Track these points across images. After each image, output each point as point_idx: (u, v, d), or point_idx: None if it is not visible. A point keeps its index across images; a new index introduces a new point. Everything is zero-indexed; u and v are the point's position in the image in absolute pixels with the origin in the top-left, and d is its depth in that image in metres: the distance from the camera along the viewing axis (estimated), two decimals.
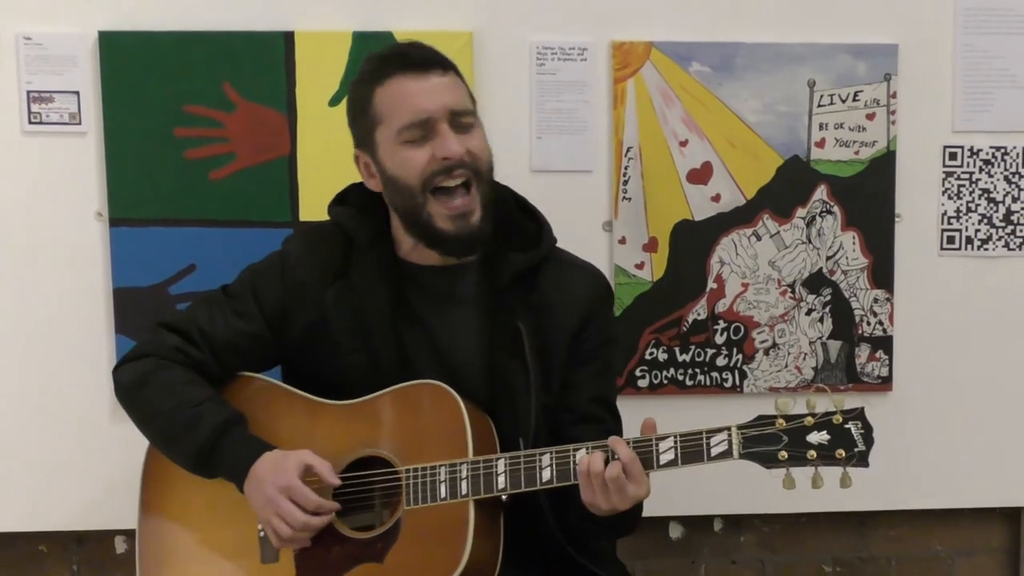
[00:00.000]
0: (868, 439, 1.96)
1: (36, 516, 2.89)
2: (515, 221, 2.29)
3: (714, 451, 1.98)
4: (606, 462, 1.99)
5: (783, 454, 1.96)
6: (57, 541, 3.00)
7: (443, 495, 2.08)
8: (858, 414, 1.97)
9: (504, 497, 2.10)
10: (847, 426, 1.96)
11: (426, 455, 2.12)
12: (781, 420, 1.97)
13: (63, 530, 2.95)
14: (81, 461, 2.85)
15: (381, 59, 2.20)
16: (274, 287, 2.27)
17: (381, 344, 2.22)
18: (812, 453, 1.95)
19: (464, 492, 2.07)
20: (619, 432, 2.29)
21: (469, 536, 2.05)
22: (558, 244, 2.33)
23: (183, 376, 2.23)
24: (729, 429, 1.99)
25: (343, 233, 2.27)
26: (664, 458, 2.00)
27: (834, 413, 1.96)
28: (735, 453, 1.97)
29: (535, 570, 2.22)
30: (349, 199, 2.31)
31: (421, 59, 2.16)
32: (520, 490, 2.07)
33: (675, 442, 2.00)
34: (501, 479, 2.07)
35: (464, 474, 2.07)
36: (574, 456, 2.04)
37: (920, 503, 3.07)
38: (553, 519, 2.18)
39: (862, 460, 1.95)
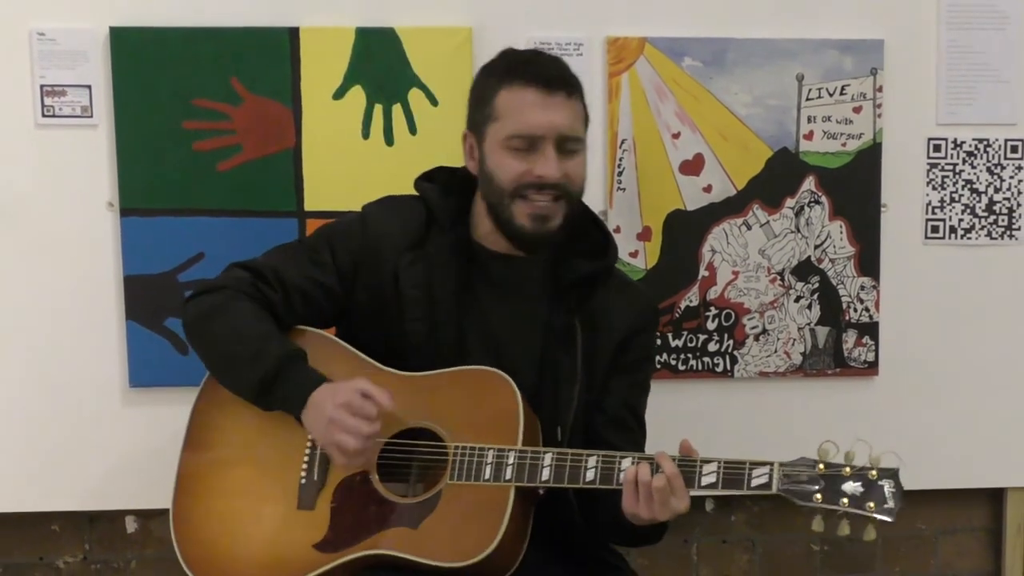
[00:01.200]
0: (898, 498, 2.00)
1: (49, 496, 2.91)
2: (585, 231, 2.34)
3: (754, 482, 2.04)
4: (652, 473, 2.04)
5: (818, 496, 2.00)
6: (70, 521, 3.01)
7: (487, 476, 2.11)
8: (892, 474, 2.01)
9: (542, 491, 2.15)
10: (880, 483, 2.00)
11: (476, 436, 2.15)
12: (821, 465, 2.01)
13: (76, 510, 2.96)
14: (93, 443, 2.87)
15: (517, 62, 2.25)
16: (351, 243, 2.30)
17: (442, 317, 2.26)
18: (844, 501, 2.00)
19: (508, 477, 2.10)
20: (643, 441, 2.39)
21: (505, 520, 2.08)
22: None
23: (252, 310, 2.25)
24: (772, 465, 2.03)
25: (426, 208, 2.31)
26: (706, 480, 2.05)
27: (870, 469, 2.01)
28: (774, 487, 2.02)
29: (551, 556, 2.27)
30: (436, 179, 2.35)
31: (553, 77, 2.20)
32: (561, 485, 2.11)
33: (719, 467, 2.05)
34: (545, 472, 2.10)
35: (511, 460, 2.11)
36: (619, 463, 2.08)
37: (905, 484, 2.99)
38: (580, 513, 2.25)
39: (889, 516, 2.00)
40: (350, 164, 2.84)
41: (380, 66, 2.82)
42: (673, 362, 2.95)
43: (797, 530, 3.17)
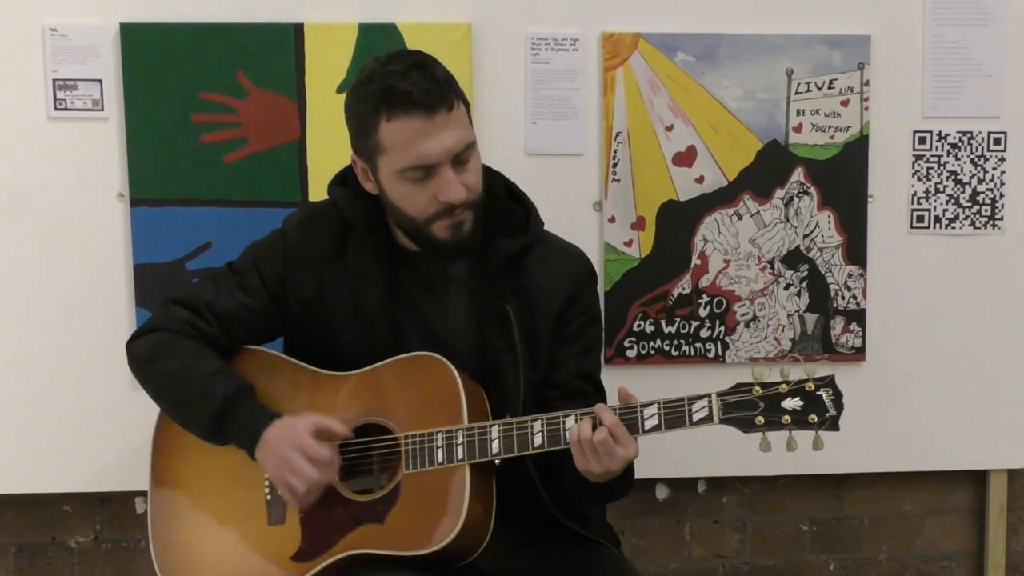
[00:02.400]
0: (838, 405, 2.01)
1: (61, 478, 2.93)
2: (504, 208, 2.29)
3: (695, 416, 2.03)
4: (594, 428, 2.03)
5: (760, 419, 2.01)
6: (81, 502, 3.05)
7: (440, 460, 2.12)
8: (828, 381, 2.01)
9: (497, 461, 2.13)
10: (819, 393, 2.00)
11: (423, 422, 2.15)
12: (757, 387, 2.02)
13: (87, 491, 2.99)
14: (104, 426, 2.89)
15: (390, 90, 2.10)
16: (275, 263, 2.29)
17: (375, 324, 2.24)
18: (786, 418, 2.00)
19: (460, 457, 2.11)
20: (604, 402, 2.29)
21: (466, 498, 2.09)
22: (547, 227, 2.34)
23: (194, 348, 2.25)
24: (709, 396, 2.03)
25: (341, 216, 2.28)
26: (649, 423, 2.04)
27: (806, 381, 2.00)
28: (715, 418, 2.02)
29: (527, 534, 2.28)
30: (348, 181, 2.30)
31: (428, 100, 2.08)
32: (513, 454, 2.11)
33: (659, 408, 2.04)
34: (495, 444, 2.10)
35: (460, 440, 2.11)
36: (563, 422, 2.08)
37: (892, 466, 3.11)
38: (542, 487, 2.21)
39: (833, 424, 2.00)
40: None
41: None
42: (666, 348, 2.96)
43: (787, 511, 3.20)
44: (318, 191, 2.79)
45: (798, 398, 2.01)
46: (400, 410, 2.19)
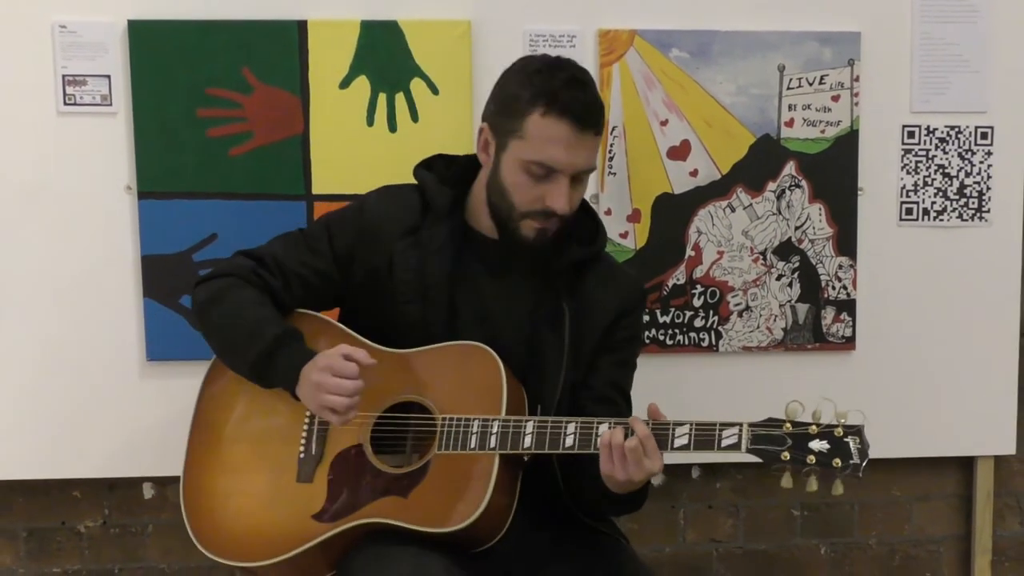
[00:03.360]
0: (863, 454, 2.02)
1: (71, 464, 2.95)
2: (577, 218, 2.34)
3: (724, 443, 2.05)
4: (625, 437, 2.07)
5: (785, 455, 2.02)
6: (90, 487, 3.06)
7: (473, 445, 2.15)
8: (858, 430, 2.03)
9: (526, 457, 2.19)
10: (846, 439, 2.02)
11: (462, 408, 2.19)
12: (788, 424, 2.04)
13: (96, 477, 3.00)
14: (112, 413, 2.91)
15: (557, 87, 2.19)
16: (348, 231, 2.34)
17: (435, 301, 2.29)
18: (811, 458, 2.02)
19: (492, 446, 2.14)
20: (628, 415, 2.34)
21: (490, 487, 2.12)
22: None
23: (253, 296, 2.29)
24: (741, 425, 2.05)
25: (422, 196, 2.34)
26: (678, 442, 2.07)
27: (836, 426, 2.03)
28: (743, 447, 2.04)
29: (542, 520, 2.32)
30: (433, 167, 2.39)
31: (587, 115, 2.19)
32: (543, 451, 2.15)
33: (690, 429, 2.07)
34: (527, 439, 2.14)
35: (495, 429, 2.15)
36: (597, 428, 2.11)
37: (881, 453, 2.90)
38: (564, 485, 2.28)
39: (855, 472, 2.02)
40: (355, 150, 2.86)
41: (384, 57, 2.84)
42: (661, 337, 2.98)
43: (779, 496, 3.15)
44: (321, 184, 2.87)
45: (826, 441, 2.03)
46: (442, 393, 2.24)
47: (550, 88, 2.20)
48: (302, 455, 2.28)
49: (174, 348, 2.89)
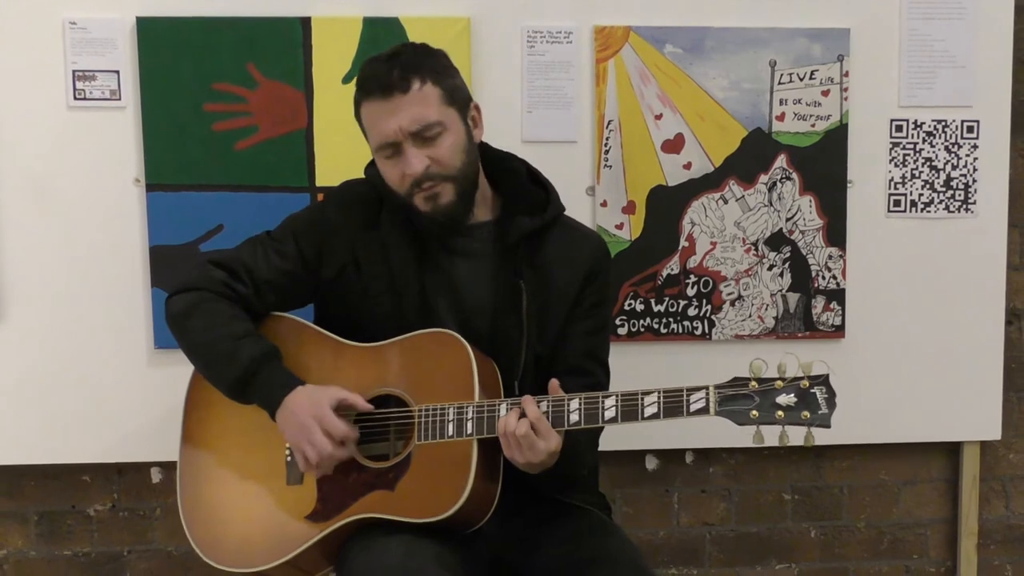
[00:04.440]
0: (831, 403, 2.01)
1: (81, 449, 2.98)
2: (526, 189, 2.36)
3: (693, 407, 2.05)
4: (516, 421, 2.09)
5: (754, 413, 2.01)
6: (99, 472, 3.09)
7: (450, 433, 2.16)
8: (823, 380, 2.02)
9: None
10: (812, 390, 2.01)
11: (437, 396, 2.20)
12: (754, 382, 2.03)
13: (105, 462, 3.04)
14: (121, 400, 2.94)
15: (362, 77, 2.27)
16: (313, 231, 2.35)
17: (405, 289, 2.30)
18: (780, 413, 2.01)
19: (469, 432, 2.15)
20: (605, 381, 2.40)
21: (472, 472, 2.13)
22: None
23: (227, 310, 2.29)
24: (707, 388, 2.04)
25: (376, 192, 2.35)
26: (648, 411, 2.06)
27: (802, 378, 2.01)
28: (711, 410, 2.03)
29: (522, 501, 2.30)
30: None
31: (383, 82, 2.20)
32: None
33: (658, 397, 2.06)
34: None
35: (470, 415, 2.15)
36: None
37: (870, 438, 3.16)
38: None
39: (824, 422, 2.01)
40: (357, 143, 2.65)
41: None
42: (656, 326, 3.01)
43: (770, 481, 3.24)
44: (325, 177, 2.89)
45: (792, 394, 2.02)
46: (417, 383, 2.25)
47: (359, 82, 2.28)
48: (289, 459, 2.29)
49: None
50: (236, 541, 2.31)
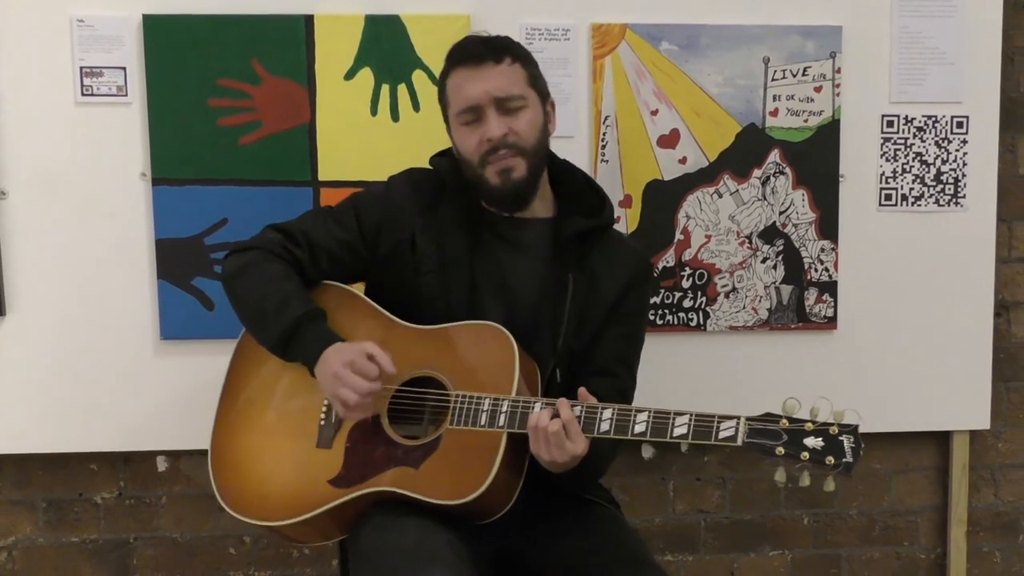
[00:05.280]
0: (856, 453, 2.01)
1: (88, 438, 3.01)
2: (582, 192, 2.43)
3: (722, 434, 2.06)
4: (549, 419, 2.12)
5: (780, 450, 2.02)
6: (106, 460, 3.12)
7: (483, 423, 2.18)
8: (852, 430, 2.02)
9: None
10: (841, 438, 2.01)
11: (476, 385, 2.23)
12: (785, 420, 2.03)
13: (112, 451, 3.05)
14: (128, 390, 2.96)
15: (451, 52, 2.37)
16: (374, 207, 2.41)
17: (456, 271, 2.35)
18: (805, 455, 2.01)
19: (501, 424, 2.17)
20: (629, 387, 2.44)
21: (496, 463, 2.15)
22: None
23: (280, 270, 2.35)
24: (739, 419, 2.05)
25: (439, 178, 2.41)
26: (678, 432, 2.08)
27: (832, 424, 2.02)
28: (739, 440, 2.04)
29: (536, 494, 2.32)
30: (448, 153, 2.45)
31: (475, 52, 2.31)
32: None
33: (689, 420, 2.08)
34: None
35: (504, 408, 2.18)
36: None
37: (861, 428, 2.94)
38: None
39: (847, 470, 2.01)
40: (360, 138, 2.91)
41: (387, 50, 2.90)
42: (652, 317, 3.01)
43: (764, 469, 3.04)
44: (327, 171, 2.93)
45: (820, 439, 2.02)
46: (458, 369, 2.28)
47: (448, 58, 2.38)
48: (322, 422, 2.33)
49: (187, 328, 2.95)
50: (258, 494, 2.34)
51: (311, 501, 2.28)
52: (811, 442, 2.03)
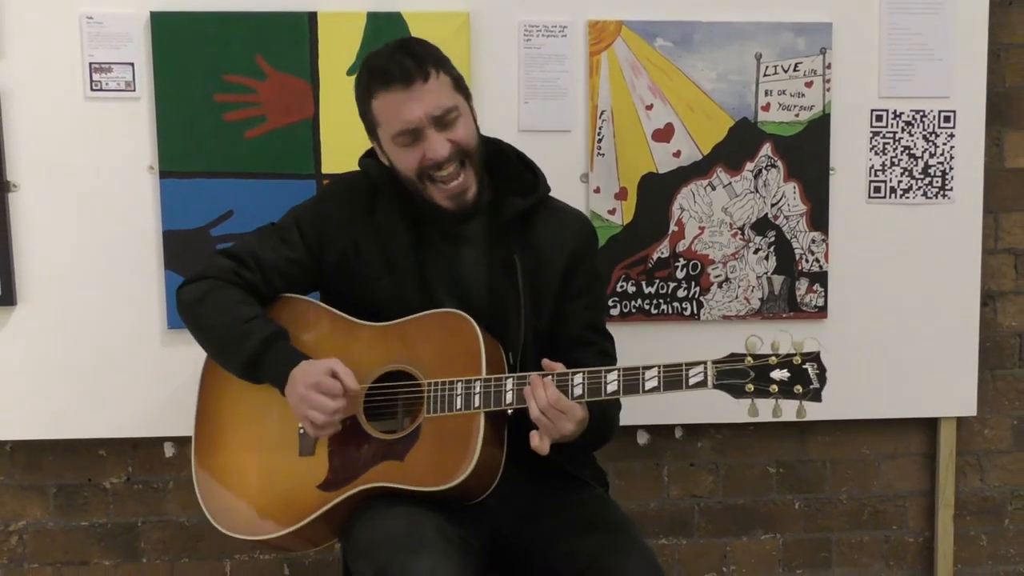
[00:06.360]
0: (822, 379, 2.06)
1: (97, 425, 3.04)
2: (516, 172, 2.42)
3: (692, 380, 2.10)
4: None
5: (749, 387, 2.06)
6: (115, 446, 3.15)
7: (459, 406, 2.22)
8: (815, 357, 2.07)
9: (510, 411, 2.23)
10: (805, 366, 2.06)
11: (446, 372, 2.25)
12: (749, 358, 2.07)
13: (120, 437, 3.09)
14: (135, 378, 3.00)
15: (374, 70, 2.30)
16: (313, 221, 2.42)
17: (404, 271, 2.36)
18: (774, 387, 2.05)
19: (476, 405, 2.21)
20: (610, 347, 2.47)
21: (479, 442, 2.19)
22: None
23: (236, 296, 2.36)
24: (705, 363, 2.09)
25: (370, 181, 2.41)
26: (649, 384, 2.11)
27: (794, 355, 2.06)
28: (709, 383, 2.09)
29: (527, 472, 2.36)
30: (375, 153, 2.43)
31: (402, 73, 2.25)
32: (524, 405, 2.18)
33: (658, 372, 2.12)
34: (509, 395, 2.21)
35: (477, 389, 2.21)
36: (572, 378, 2.18)
37: (851, 414, 3.21)
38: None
39: (816, 396, 2.06)
40: (362, 132, 2.63)
41: None
42: (647, 307, 3.06)
43: (756, 455, 3.30)
44: (331, 165, 2.95)
45: (786, 370, 2.06)
46: (426, 359, 2.30)
47: (369, 72, 2.32)
48: (302, 431, 2.35)
49: None
50: (249, 510, 2.36)
51: (304, 508, 2.31)
52: (778, 375, 2.06)
